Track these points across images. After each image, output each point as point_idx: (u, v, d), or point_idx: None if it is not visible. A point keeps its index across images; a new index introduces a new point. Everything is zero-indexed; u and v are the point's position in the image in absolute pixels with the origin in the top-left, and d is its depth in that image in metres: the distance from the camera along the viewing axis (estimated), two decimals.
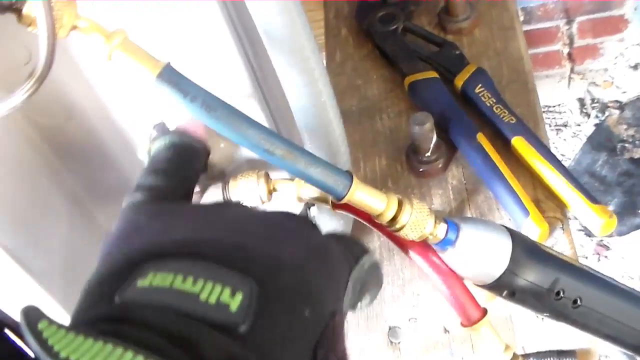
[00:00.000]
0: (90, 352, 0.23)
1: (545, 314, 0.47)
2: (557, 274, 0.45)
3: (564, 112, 1.65)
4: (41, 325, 0.24)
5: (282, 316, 0.30)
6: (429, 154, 0.71)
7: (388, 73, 0.85)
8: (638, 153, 1.53)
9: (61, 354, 0.23)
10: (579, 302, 0.45)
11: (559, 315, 0.46)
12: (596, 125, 1.60)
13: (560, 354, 0.59)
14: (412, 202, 0.42)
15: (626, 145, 1.54)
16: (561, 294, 0.45)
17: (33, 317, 0.24)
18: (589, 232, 1.42)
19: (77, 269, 0.38)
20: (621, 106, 1.60)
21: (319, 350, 0.30)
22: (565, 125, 1.64)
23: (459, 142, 0.72)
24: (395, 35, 0.84)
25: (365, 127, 0.81)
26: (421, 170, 0.73)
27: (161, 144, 0.46)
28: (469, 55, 0.80)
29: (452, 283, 0.45)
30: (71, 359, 0.23)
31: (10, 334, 0.30)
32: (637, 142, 1.54)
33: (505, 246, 0.44)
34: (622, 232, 1.45)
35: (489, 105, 0.72)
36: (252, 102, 0.59)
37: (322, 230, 0.40)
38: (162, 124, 0.53)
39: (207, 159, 0.49)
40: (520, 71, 0.78)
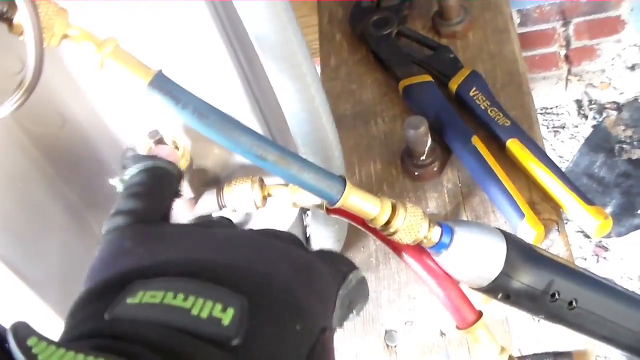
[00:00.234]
0: None
1: (540, 316, 0.47)
2: (552, 276, 0.45)
3: (562, 113, 1.65)
4: (30, 341, 0.24)
5: (273, 331, 0.30)
6: (423, 158, 0.71)
7: (382, 77, 0.85)
8: (636, 154, 1.52)
9: None
10: (574, 303, 0.45)
11: (554, 317, 0.46)
12: (594, 126, 1.60)
13: (557, 355, 0.59)
14: (406, 206, 0.42)
15: (624, 146, 1.54)
16: (556, 295, 0.45)
17: (22, 334, 0.24)
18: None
19: (73, 277, 0.38)
20: (619, 107, 1.60)
21: None
22: (562, 127, 1.64)
23: (453, 145, 0.72)
24: (389, 40, 0.84)
25: (360, 131, 0.81)
26: (416, 174, 0.73)
27: (134, 170, 0.45)
28: (463, 58, 0.80)
29: (447, 286, 0.45)
30: None
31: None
32: (635, 143, 1.54)
33: (500, 249, 0.44)
34: (620, 233, 1.45)
35: (483, 108, 0.73)
36: (245, 108, 0.59)
37: (315, 241, 0.40)
38: (133, 150, 0.53)
39: (181, 181, 0.50)
40: (515, 74, 0.79)
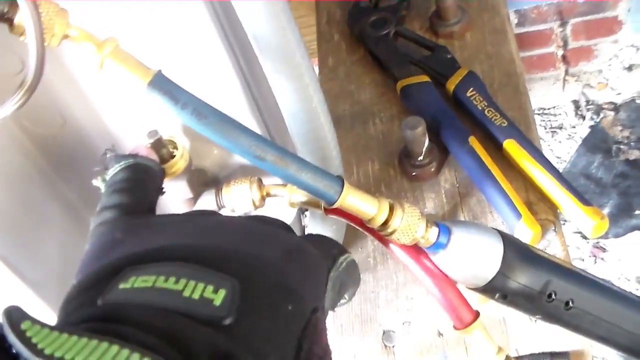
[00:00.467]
0: (75, 348, 0.23)
1: (537, 316, 0.47)
2: (549, 276, 0.45)
3: (559, 114, 1.66)
4: (24, 325, 0.24)
5: (264, 310, 0.30)
6: (421, 158, 0.72)
7: (380, 77, 0.85)
8: (633, 154, 1.53)
9: (46, 351, 0.23)
10: (571, 304, 0.46)
11: (551, 317, 0.46)
12: (591, 127, 1.60)
13: (554, 355, 0.59)
14: (403, 206, 0.42)
15: (621, 146, 1.55)
16: (553, 296, 0.45)
17: (15, 317, 0.24)
18: None
19: (73, 276, 0.38)
20: (616, 108, 1.60)
21: (304, 343, 0.31)
22: (560, 128, 1.64)
23: (451, 145, 0.72)
24: (387, 40, 0.85)
25: (358, 131, 0.81)
26: (414, 174, 0.73)
27: (116, 168, 0.46)
28: (461, 59, 0.80)
29: (444, 286, 0.45)
30: (56, 355, 0.23)
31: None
32: (632, 143, 1.54)
33: (497, 249, 0.44)
34: (618, 234, 1.45)
35: (480, 108, 0.73)
36: (244, 108, 0.59)
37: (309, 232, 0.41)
38: (111, 151, 0.54)
39: (163, 178, 0.50)
40: (512, 74, 0.79)
